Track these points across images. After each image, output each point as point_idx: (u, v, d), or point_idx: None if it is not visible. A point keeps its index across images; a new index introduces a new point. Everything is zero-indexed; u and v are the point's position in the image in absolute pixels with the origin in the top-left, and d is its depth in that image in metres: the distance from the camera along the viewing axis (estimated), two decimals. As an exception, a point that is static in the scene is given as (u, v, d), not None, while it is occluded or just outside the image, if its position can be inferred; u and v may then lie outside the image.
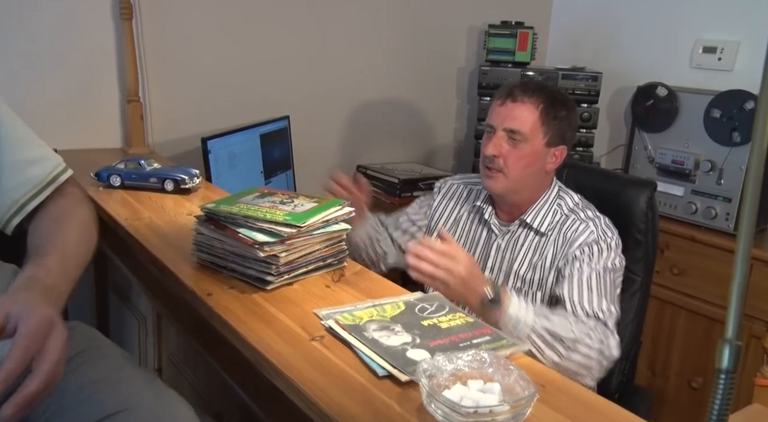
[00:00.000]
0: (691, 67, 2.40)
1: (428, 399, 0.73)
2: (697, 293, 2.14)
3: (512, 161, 1.37)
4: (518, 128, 1.36)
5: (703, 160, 2.14)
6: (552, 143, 1.39)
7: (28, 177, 0.99)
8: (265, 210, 1.07)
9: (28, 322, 0.71)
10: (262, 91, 2.27)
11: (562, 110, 1.39)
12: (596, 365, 1.22)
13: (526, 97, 1.37)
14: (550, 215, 1.42)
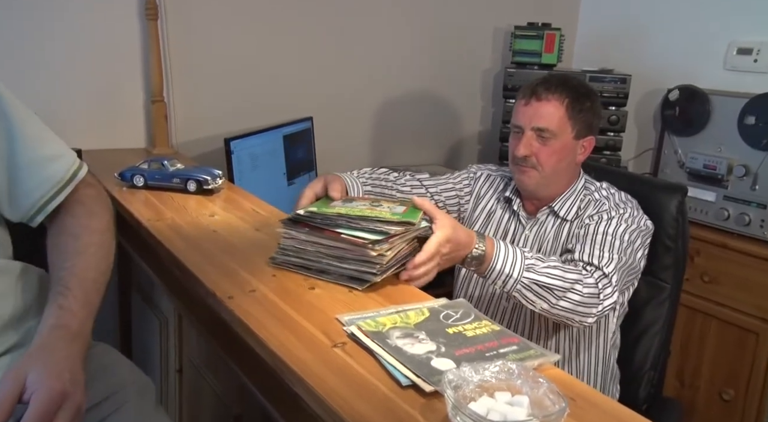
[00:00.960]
0: (725, 70, 2.34)
1: (453, 412, 0.70)
2: (728, 301, 2.08)
3: (544, 157, 1.39)
4: (546, 126, 1.37)
5: (737, 164, 2.08)
6: (580, 134, 1.40)
7: (48, 175, 0.98)
8: (369, 211, 1.11)
9: (40, 397, 0.73)
10: (286, 92, 2.27)
11: (586, 101, 1.40)
12: (589, 310, 1.21)
13: (550, 94, 1.37)
14: (577, 204, 1.44)
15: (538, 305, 1.20)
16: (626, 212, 1.37)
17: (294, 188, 2.12)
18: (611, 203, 1.40)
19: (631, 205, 1.41)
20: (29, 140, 0.96)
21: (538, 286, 1.18)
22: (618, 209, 1.38)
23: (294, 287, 1.04)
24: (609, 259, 1.27)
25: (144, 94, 2.03)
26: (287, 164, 2.08)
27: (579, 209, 1.44)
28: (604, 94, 2.39)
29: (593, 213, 1.39)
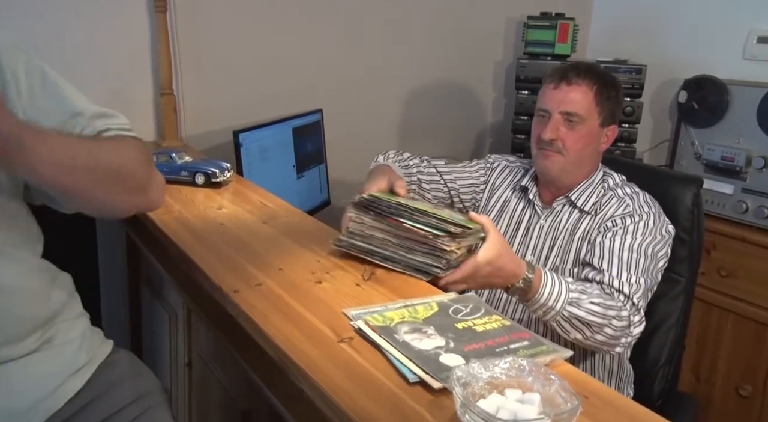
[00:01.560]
0: (744, 59, 2.28)
1: (462, 409, 0.68)
2: (746, 296, 2.04)
3: (570, 142, 1.37)
4: (575, 110, 1.36)
5: (756, 156, 2.03)
6: (605, 122, 1.40)
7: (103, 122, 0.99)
8: (430, 208, 1.11)
9: None
10: (295, 84, 2.25)
11: (612, 90, 1.40)
12: (618, 341, 1.23)
13: (580, 79, 1.37)
14: (594, 195, 1.42)
15: (572, 335, 1.21)
16: (650, 217, 1.34)
17: (303, 181, 2.11)
18: (635, 205, 1.36)
19: (655, 209, 1.37)
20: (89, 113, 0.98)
21: (578, 320, 1.19)
22: (642, 213, 1.34)
23: (300, 281, 1.03)
24: (637, 286, 1.27)
25: (153, 87, 2.02)
26: (296, 157, 2.06)
27: (598, 203, 1.41)
28: (618, 85, 2.35)
29: (616, 215, 1.36)
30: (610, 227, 1.34)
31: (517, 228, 1.50)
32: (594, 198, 1.41)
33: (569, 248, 1.40)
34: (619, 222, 1.34)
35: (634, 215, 1.34)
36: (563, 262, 1.41)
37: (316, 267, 1.08)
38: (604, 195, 1.41)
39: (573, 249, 1.39)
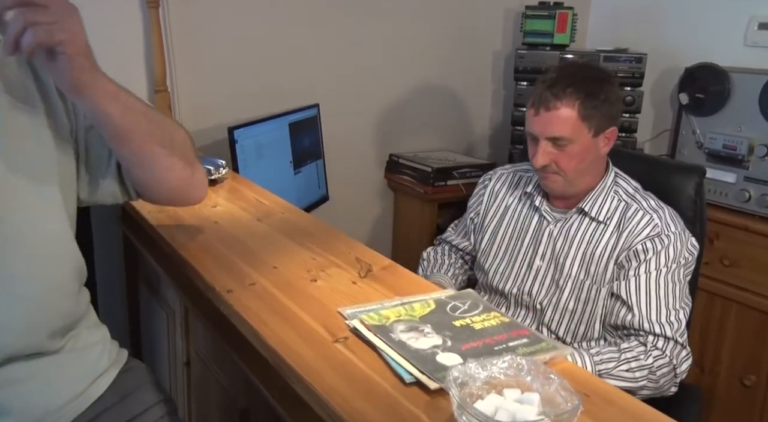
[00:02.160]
0: (745, 46, 2.25)
1: (459, 411, 0.66)
2: (749, 285, 2.01)
3: (564, 163, 1.32)
4: (561, 135, 1.30)
5: (758, 144, 2.00)
6: (599, 130, 1.32)
7: None
8: None
9: None
10: (292, 79, 2.22)
11: (599, 94, 1.30)
12: (665, 388, 1.25)
13: (558, 101, 1.29)
14: (608, 202, 1.37)
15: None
16: (677, 238, 1.30)
17: (300, 177, 2.09)
18: (663, 224, 1.31)
19: (681, 227, 1.34)
20: None
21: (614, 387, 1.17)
22: (670, 234, 1.30)
23: (295, 280, 1.01)
24: (678, 323, 1.26)
25: (147, 83, 1.99)
26: (293, 153, 2.04)
27: (620, 214, 1.35)
28: (619, 75, 2.32)
29: (645, 237, 1.31)
30: (640, 252, 1.30)
31: (524, 234, 1.46)
32: (608, 206, 1.37)
33: (591, 262, 1.36)
34: (650, 247, 1.29)
35: (662, 236, 1.30)
36: (587, 277, 1.36)
37: (311, 265, 1.07)
38: (628, 207, 1.35)
39: (598, 266, 1.35)
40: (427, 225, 2.42)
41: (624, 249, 1.32)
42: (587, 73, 1.34)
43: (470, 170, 2.39)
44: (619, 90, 1.38)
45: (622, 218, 1.35)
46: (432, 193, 2.35)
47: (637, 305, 1.27)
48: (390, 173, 2.54)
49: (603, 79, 1.34)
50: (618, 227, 1.35)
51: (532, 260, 1.43)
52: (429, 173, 2.34)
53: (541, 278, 1.42)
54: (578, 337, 1.39)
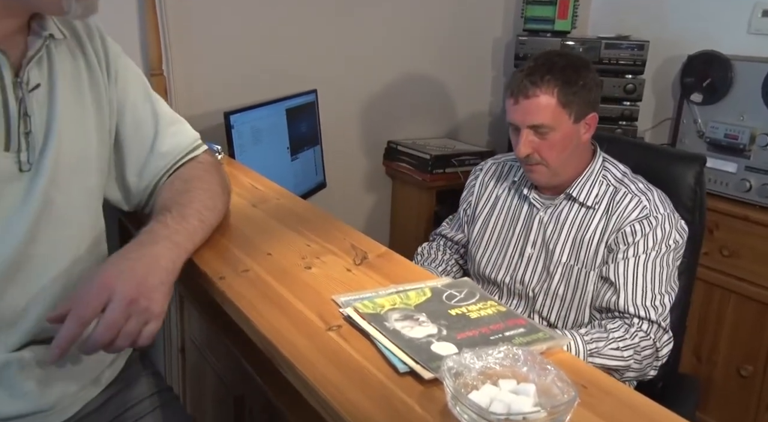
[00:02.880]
0: (748, 34, 2.22)
1: (453, 402, 0.65)
2: (749, 276, 2.00)
3: (546, 152, 1.32)
4: (542, 122, 1.30)
5: (760, 133, 1.98)
6: (579, 117, 1.32)
7: (178, 141, 1.08)
8: None
9: (110, 307, 0.78)
10: (289, 65, 2.20)
11: (578, 81, 1.30)
12: (648, 369, 1.27)
13: (537, 88, 1.29)
14: (597, 187, 1.37)
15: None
16: (666, 220, 1.31)
17: (298, 164, 2.07)
18: (651, 205, 1.32)
19: (669, 209, 1.33)
20: (167, 120, 1.08)
21: (603, 368, 1.19)
22: (658, 216, 1.30)
23: (290, 267, 0.99)
24: (662, 307, 1.28)
25: (142, 67, 1.96)
26: (290, 139, 2.02)
27: (608, 198, 1.35)
28: (620, 62, 2.30)
29: (634, 219, 1.31)
30: (628, 235, 1.30)
31: (515, 222, 1.46)
32: (596, 190, 1.37)
33: (581, 248, 1.36)
34: (639, 229, 1.30)
35: (650, 217, 1.30)
36: (577, 262, 1.36)
37: (306, 252, 1.05)
38: (616, 191, 1.35)
39: (588, 251, 1.35)
40: (425, 213, 2.40)
41: (613, 232, 1.33)
42: (564, 60, 1.33)
43: (469, 158, 2.38)
44: (597, 76, 1.37)
45: (610, 202, 1.35)
46: (430, 180, 2.33)
47: (624, 289, 1.28)
48: (388, 160, 2.52)
49: (580, 66, 1.33)
50: (607, 211, 1.35)
51: (524, 248, 1.43)
52: (427, 161, 2.33)
53: (533, 266, 1.42)
54: (569, 323, 1.39)
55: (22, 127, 0.85)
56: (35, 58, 0.87)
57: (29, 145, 0.86)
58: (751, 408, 2.04)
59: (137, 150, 1.04)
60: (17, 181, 0.85)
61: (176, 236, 0.91)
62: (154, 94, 1.10)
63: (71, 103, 0.92)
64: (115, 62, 1.01)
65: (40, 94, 0.88)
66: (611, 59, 2.29)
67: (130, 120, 1.02)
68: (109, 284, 0.79)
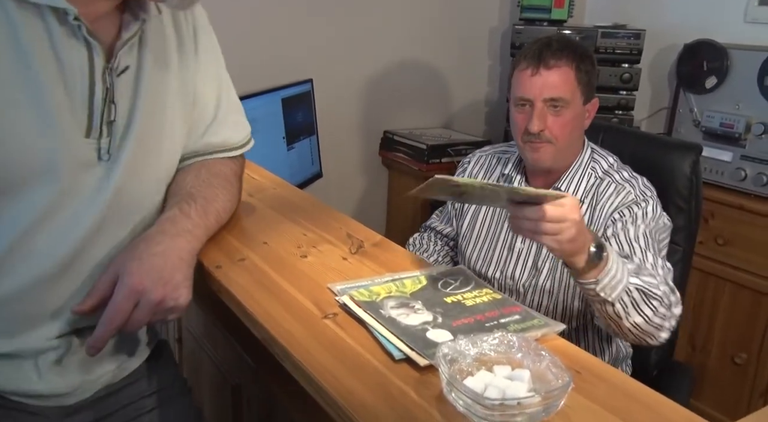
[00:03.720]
0: (745, 22, 2.22)
1: (448, 388, 0.66)
2: (743, 264, 2.02)
3: (558, 129, 1.27)
4: (560, 95, 1.25)
5: (756, 122, 1.99)
6: (587, 99, 1.31)
7: (222, 140, 1.05)
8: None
9: (116, 294, 0.79)
10: (284, 54, 2.19)
11: (588, 62, 1.30)
12: (667, 325, 1.14)
13: (557, 59, 1.25)
14: (585, 180, 1.34)
15: (632, 319, 1.09)
16: (654, 202, 1.28)
17: (294, 153, 2.06)
18: (637, 191, 1.29)
19: (654, 197, 1.31)
20: (230, 106, 1.07)
21: (639, 293, 1.08)
22: (646, 198, 1.28)
23: (286, 255, 0.99)
24: (666, 269, 1.21)
25: (137, 57, 1.96)
26: (287, 128, 2.01)
27: (593, 191, 1.33)
28: (617, 51, 2.30)
29: (621, 205, 1.28)
30: (618, 218, 1.27)
31: (504, 217, 1.43)
32: (584, 184, 1.34)
33: None
34: (627, 212, 1.27)
35: (639, 202, 1.27)
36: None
37: (302, 241, 1.05)
38: (601, 182, 1.32)
39: None
40: (421, 202, 2.41)
41: (599, 222, 1.30)
42: (576, 42, 1.33)
43: (465, 148, 2.38)
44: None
45: (595, 193, 1.32)
46: (426, 170, 2.34)
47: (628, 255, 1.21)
48: (384, 149, 2.52)
49: (588, 50, 1.34)
50: (591, 203, 1.32)
51: (513, 243, 1.40)
52: (423, 150, 2.33)
53: (522, 261, 1.40)
54: (557, 317, 1.38)
55: (106, 115, 0.82)
56: (130, 43, 0.83)
57: (111, 132, 0.82)
58: (745, 395, 2.06)
59: (192, 128, 0.99)
60: (94, 169, 0.82)
61: (197, 230, 0.91)
62: (225, 76, 1.06)
63: (157, 84, 0.88)
64: (202, 33, 0.98)
65: (127, 77, 0.84)
66: (608, 48, 2.29)
67: (196, 94, 0.98)
68: (139, 288, 0.79)
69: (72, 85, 0.78)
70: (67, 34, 0.77)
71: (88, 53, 0.78)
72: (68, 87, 0.78)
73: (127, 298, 0.79)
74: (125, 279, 0.80)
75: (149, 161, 0.89)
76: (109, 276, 0.81)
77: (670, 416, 0.68)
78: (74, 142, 0.79)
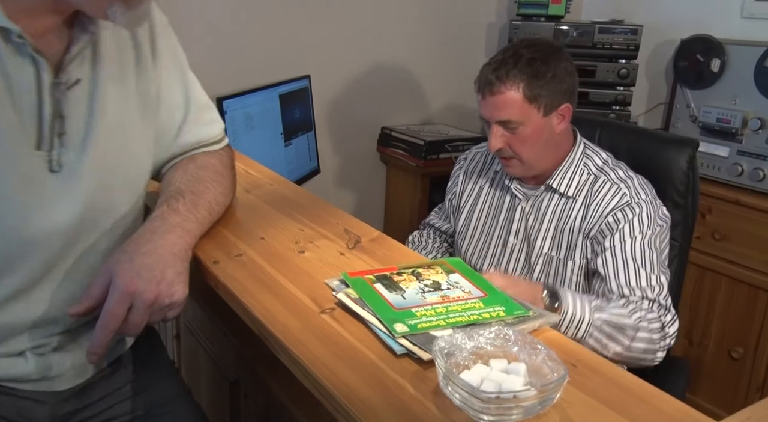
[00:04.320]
0: (741, 18, 2.23)
1: (444, 381, 0.66)
2: (740, 259, 2.02)
3: (518, 146, 1.31)
4: (509, 118, 1.28)
5: (752, 117, 1.99)
6: (550, 109, 1.30)
7: (196, 139, 1.05)
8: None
9: (109, 298, 0.79)
10: (282, 50, 2.19)
11: (546, 73, 1.27)
12: (658, 347, 1.20)
13: (502, 84, 1.27)
14: (577, 176, 1.35)
15: (611, 349, 1.16)
16: (648, 205, 1.28)
17: (291, 149, 2.06)
18: (632, 192, 1.29)
19: (651, 195, 1.31)
20: (199, 106, 1.06)
21: (610, 326, 1.14)
22: (640, 201, 1.28)
23: (283, 251, 1.00)
24: (659, 286, 1.24)
25: (134, 53, 1.95)
26: (284, 124, 2.01)
27: (587, 188, 1.33)
28: (614, 47, 2.30)
29: (615, 208, 1.28)
30: (612, 224, 1.28)
31: (498, 213, 1.46)
32: (576, 180, 1.35)
33: (562, 238, 1.34)
34: (621, 217, 1.27)
35: (632, 204, 1.28)
36: (558, 252, 1.35)
37: (299, 236, 1.05)
38: (596, 180, 1.33)
39: (566, 242, 1.34)
40: (419, 198, 2.41)
41: (593, 222, 1.31)
42: (531, 52, 1.29)
43: (462, 144, 2.38)
44: (570, 64, 1.32)
45: (589, 191, 1.33)
46: (424, 166, 2.34)
47: (615, 276, 1.25)
48: (382, 146, 2.52)
49: (549, 56, 1.29)
50: (585, 201, 1.33)
51: (506, 239, 1.42)
52: (421, 146, 2.33)
53: (515, 257, 1.41)
54: None
55: (57, 128, 0.82)
56: (79, 56, 0.83)
57: (63, 144, 0.83)
58: (742, 389, 2.07)
59: (163, 132, 1.00)
60: (48, 180, 0.82)
61: (187, 224, 0.91)
62: (190, 77, 1.06)
63: (114, 93, 0.89)
64: (160, 38, 0.98)
65: (79, 91, 0.85)
66: (605, 44, 2.29)
67: (163, 100, 0.99)
68: (131, 290, 0.79)
69: (20, 103, 0.79)
70: (13, 52, 0.78)
71: (35, 70, 0.80)
72: (16, 105, 0.79)
73: (119, 302, 0.79)
74: (116, 282, 0.80)
75: (117, 171, 0.90)
76: (102, 278, 0.81)
77: (665, 408, 0.68)
78: (23, 155, 0.80)
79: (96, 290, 0.81)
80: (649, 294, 1.23)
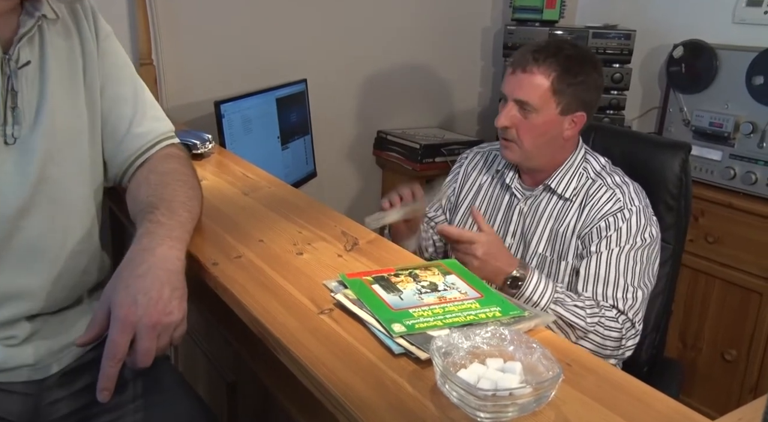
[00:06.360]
0: (733, 23, 2.25)
1: (442, 380, 0.67)
2: (733, 262, 2.04)
3: (523, 131, 1.32)
4: (527, 100, 1.29)
5: (744, 121, 2.01)
6: (568, 110, 1.31)
7: (153, 128, 1.08)
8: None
9: (110, 334, 0.80)
10: (279, 54, 2.20)
11: (579, 74, 1.29)
12: (609, 353, 1.25)
13: (536, 66, 1.28)
14: (575, 180, 1.37)
15: (560, 335, 1.17)
16: (640, 212, 1.30)
17: (288, 153, 2.08)
18: (626, 198, 1.31)
19: (644, 203, 1.33)
20: (147, 104, 1.09)
21: (562, 321, 1.21)
22: (632, 208, 1.30)
23: (281, 253, 1.01)
24: (633, 300, 1.26)
25: (132, 56, 1.96)
26: (281, 128, 2.02)
27: (583, 191, 1.35)
28: (607, 51, 2.32)
29: (608, 213, 1.30)
30: (602, 229, 1.29)
31: (496, 211, 1.47)
32: (575, 183, 1.36)
33: (557, 239, 1.36)
34: (612, 222, 1.29)
35: (624, 210, 1.29)
36: (552, 253, 1.37)
37: (297, 239, 1.06)
38: (593, 184, 1.35)
39: (559, 243, 1.35)
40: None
41: (586, 225, 1.32)
42: (573, 50, 1.32)
43: (458, 147, 2.39)
44: (601, 79, 1.35)
45: (585, 194, 1.35)
46: (420, 170, 2.35)
47: (594, 281, 1.28)
48: (378, 149, 2.53)
49: (586, 61, 1.32)
50: (581, 204, 1.35)
51: (503, 238, 1.43)
52: (417, 150, 2.34)
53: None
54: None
55: (9, 102, 0.88)
56: (26, 37, 0.90)
57: (15, 120, 0.89)
58: (735, 391, 2.08)
59: (114, 126, 1.04)
60: (4, 154, 0.88)
61: (174, 232, 0.91)
62: (138, 79, 1.10)
63: (63, 80, 0.95)
64: (104, 41, 1.04)
65: (30, 72, 0.91)
66: (599, 48, 2.31)
67: (111, 94, 1.03)
68: (131, 319, 0.80)
69: None
70: None
71: None
72: None
73: (121, 332, 0.80)
74: (115, 313, 0.80)
75: (68, 152, 0.95)
76: (103, 308, 0.82)
77: (658, 407, 0.70)
78: None
79: (98, 318, 0.82)
80: (620, 305, 1.26)
